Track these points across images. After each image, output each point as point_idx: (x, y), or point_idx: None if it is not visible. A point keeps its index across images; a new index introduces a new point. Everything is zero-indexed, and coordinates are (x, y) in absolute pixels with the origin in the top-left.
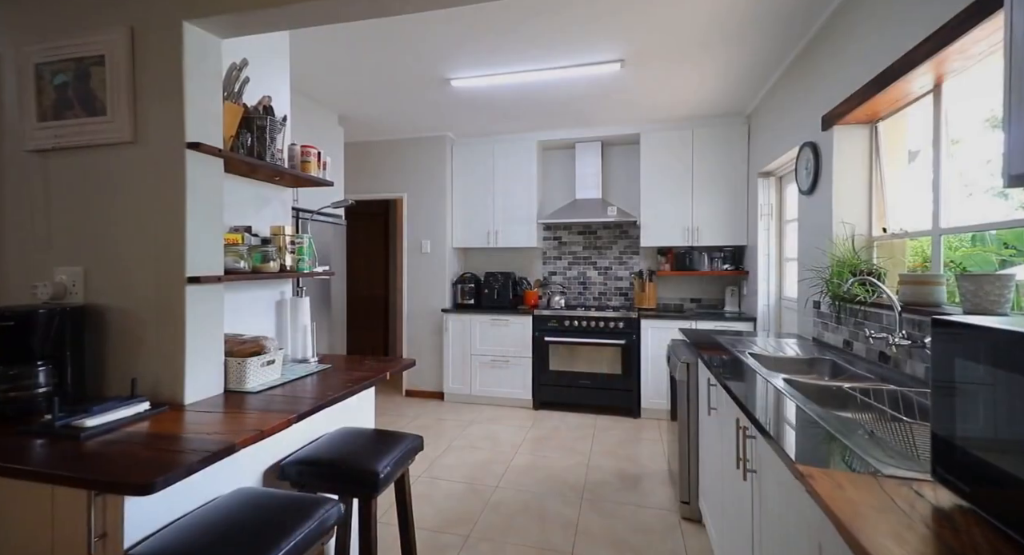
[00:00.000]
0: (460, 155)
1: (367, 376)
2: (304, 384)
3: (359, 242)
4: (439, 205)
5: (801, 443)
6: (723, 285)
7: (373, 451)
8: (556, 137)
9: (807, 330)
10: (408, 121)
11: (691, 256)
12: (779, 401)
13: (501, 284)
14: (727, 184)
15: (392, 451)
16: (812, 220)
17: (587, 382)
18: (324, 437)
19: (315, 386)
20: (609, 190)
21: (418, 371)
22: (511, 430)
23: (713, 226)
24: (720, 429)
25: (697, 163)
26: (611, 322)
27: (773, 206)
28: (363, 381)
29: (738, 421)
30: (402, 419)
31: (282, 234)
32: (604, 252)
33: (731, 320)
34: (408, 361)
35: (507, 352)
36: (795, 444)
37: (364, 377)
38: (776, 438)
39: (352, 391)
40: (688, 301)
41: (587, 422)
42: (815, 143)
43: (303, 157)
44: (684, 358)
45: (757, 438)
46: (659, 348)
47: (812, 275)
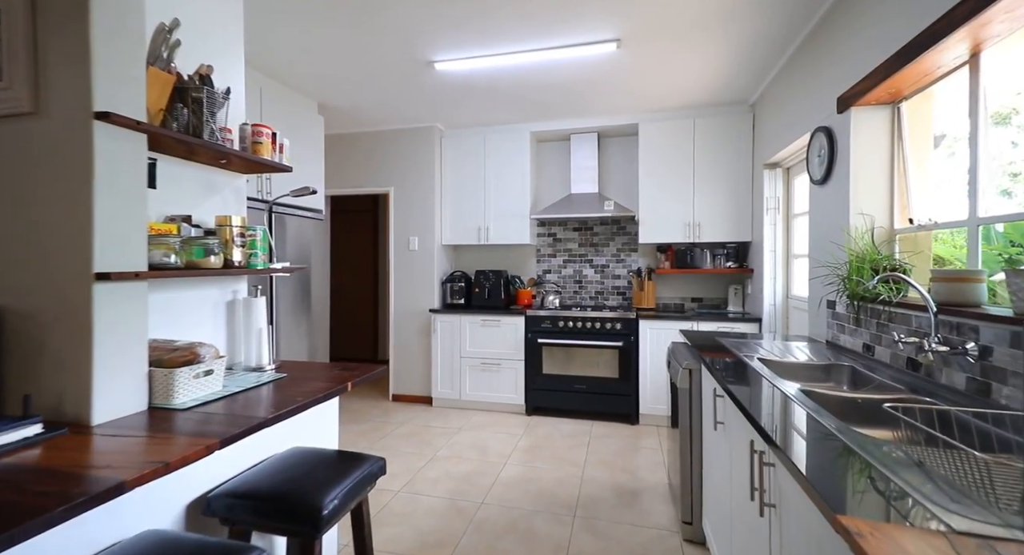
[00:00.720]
0: (449, 147)
1: (326, 387)
2: (248, 399)
3: (346, 239)
4: (427, 200)
5: (836, 480)
6: (726, 284)
7: (322, 479)
8: (550, 128)
9: (820, 332)
10: (393, 110)
11: (692, 253)
12: (798, 418)
13: (492, 283)
14: (730, 177)
15: (345, 479)
16: (825, 212)
17: (582, 386)
18: (269, 461)
19: (260, 401)
20: (606, 184)
21: (405, 374)
22: (501, 438)
23: (715, 221)
24: (729, 448)
25: (699, 155)
26: (608, 323)
27: (780, 199)
28: (320, 393)
29: (752, 444)
30: (387, 425)
31: (228, 225)
32: (601, 249)
33: (735, 321)
34: (379, 370)
35: (498, 354)
36: (829, 482)
37: (323, 388)
38: (807, 476)
39: (300, 407)
40: (689, 301)
41: (582, 429)
42: (829, 128)
43: (254, 138)
44: (686, 363)
45: (777, 466)
46: (659, 350)
47: (826, 272)
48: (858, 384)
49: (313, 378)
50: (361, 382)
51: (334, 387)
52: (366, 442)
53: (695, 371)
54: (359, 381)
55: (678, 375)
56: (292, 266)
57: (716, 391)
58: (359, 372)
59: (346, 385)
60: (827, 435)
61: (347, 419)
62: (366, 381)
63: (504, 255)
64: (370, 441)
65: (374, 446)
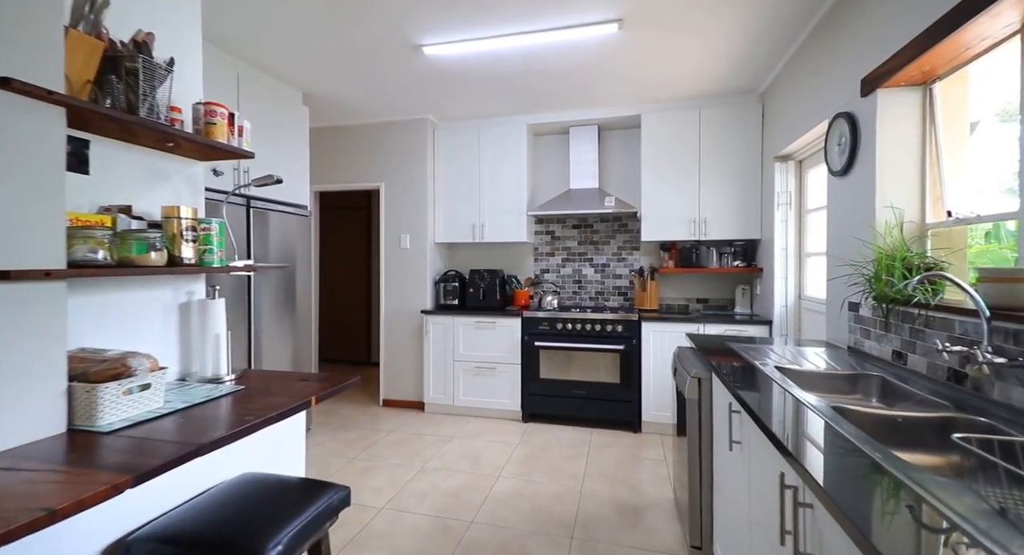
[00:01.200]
0: (443, 141)
1: (284, 403)
2: (190, 418)
3: (339, 238)
4: (419, 196)
5: (900, 538)
6: (733, 284)
7: (269, 517)
8: (548, 120)
9: (839, 337)
10: (383, 101)
11: (697, 251)
12: (834, 444)
13: (487, 283)
14: (738, 171)
15: (298, 516)
16: (847, 206)
17: (582, 392)
18: (213, 491)
19: (205, 421)
20: (607, 179)
21: (397, 379)
22: (496, 447)
23: (722, 218)
24: (748, 473)
25: (705, 148)
26: (609, 325)
27: (792, 194)
28: (276, 412)
29: (782, 478)
30: (376, 433)
31: (176, 217)
32: (601, 247)
33: (743, 323)
34: (349, 382)
35: (493, 358)
36: (893, 542)
37: (281, 405)
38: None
39: (245, 430)
40: (694, 301)
41: (581, 438)
42: (851, 114)
43: (207, 118)
44: (695, 371)
45: (817, 509)
46: (662, 354)
47: (849, 272)
48: (890, 397)
49: (274, 391)
50: (328, 397)
51: (294, 403)
52: (352, 452)
53: (705, 380)
54: (325, 396)
55: (686, 384)
56: (257, 264)
57: (732, 406)
58: (327, 384)
59: (309, 400)
60: (874, 468)
61: (334, 426)
62: (335, 394)
63: (500, 254)
64: (356, 451)
65: (360, 456)
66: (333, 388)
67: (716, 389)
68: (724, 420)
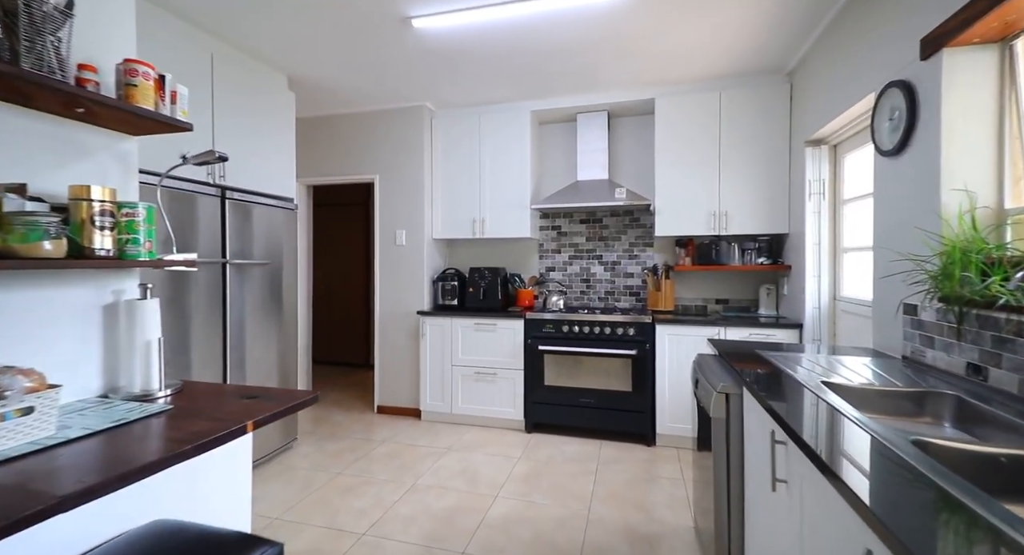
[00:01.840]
0: (441, 130)
1: (210, 430)
2: (84, 452)
3: (338, 235)
4: (416, 189)
5: None
6: (757, 283)
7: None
8: (554, 106)
9: (892, 344)
10: (376, 86)
11: (717, 247)
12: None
13: (488, 282)
14: (764, 158)
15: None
16: (902, 191)
17: (590, 400)
18: (110, 545)
19: (99, 456)
20: (617, 169)
21: (392, 384)
22: (495, 462)
23: (745, 210)
24: (800, 525)
25: (725, 134)
26: (619, 327)
27: (825, 182)
28: (192, 444)
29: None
30: (366, 444)
31: (86, 199)
32: (612, 244)
33: (768, 327)
34: (300, 401)
35: (494, 363)
36: None
37: (209, 431)
38: None
39: (138, 471)
40: (713, 302)
41: (589, 451)
42: (908, 82)
43: (126, 78)
44: (721, 385)
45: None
46: (678, 360)
47: (908, 268)
48: (968, 421)
49: (209, 412)
50: (271, 421)
51: (222, 431)
52: (339, 465)
53: (734, 396)
54: (266, 421)
55: (711, 401)
56: (192, 260)
57: (775, 435)
58: (275, 404)
59: (244, 426)
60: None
61: (323, 435)
62: (281, 417)
63: (503, 251)
64: (343, 464)
65: (346, 471)
66: (277, 410)
67: (748, 406)
68: (762, 449)
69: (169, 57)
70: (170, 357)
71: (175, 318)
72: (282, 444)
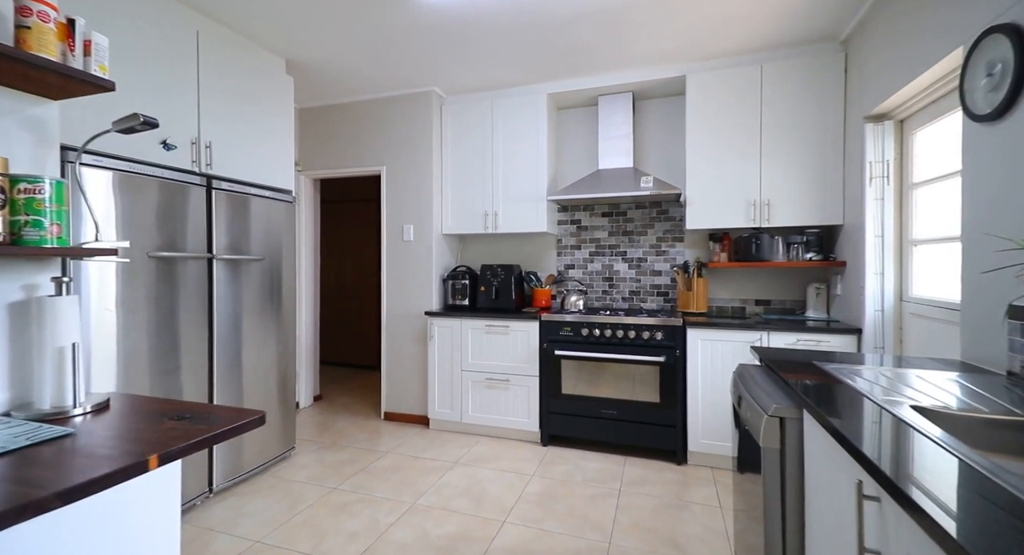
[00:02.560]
0: (451, 117)
1: (100, 467)
2: None
3: (351, 231)
4: (424, 181)
5: None
6: (804, 282)
7: None
8: (573, 88)
9: (991, 356)
10: (379, 70)
11: (758, 242)
12: None
13: (501, 280)
14: (814, 139)
15: None
16: (1003, 164)
17: (612, 412)
18: None
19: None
20: (643, 156)
21: (399, 389)
22: (506, 480)
23: (791, 199)
24: None
25: (768, 112)
26: (645, 331)
27: (890, 164)
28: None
29: None
30: (368, 455)
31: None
32: (637, 239)
33: (818, 332)
34: (242, 420)
35: (507, 368)
36: None
37: (95, 468)
38: None
39: None
40: (752, 303)
41: (611, 469)
42: (1017, 25)
43: (20, 18)
44: (774, 407)
45: None
46: (713, 367)
47: (1018, 260)
48: None
49: (112, 443)
50: (185, 454)
51: (107, 469)
52: (335, 479)
53: (790, 421)
54: (178, 454)
55: (760, 426)
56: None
57: (861, 488)
58: (204, 430)
59: (145, 462)
60: None
61: (324, 444)
62: (200, 449)
63: (518, 247)
64: (340, 478)
65: (342, 486)
66: (198, 439)
67: (811, 433)
68: (841, 504)
69: (148, 33)
70: (147, 361)
71: (154, 318)
72: (279, 453)
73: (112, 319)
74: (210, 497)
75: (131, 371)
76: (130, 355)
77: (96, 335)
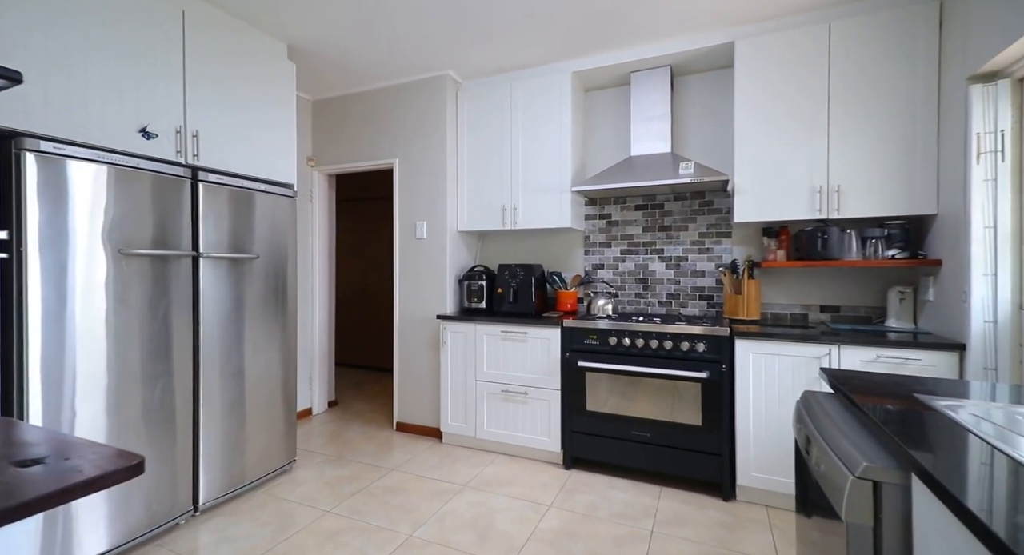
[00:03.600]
0: (467, 103)
1: None
2: None
3: (372, 229)
4: (438, 173)
5: None
6: (883, 284)
7: None
8: (602, 64)
9: None
10: (388, 53)
11: (824, 236)
12: None
13: (520, 281)
14: (897, 109)
15: None
16: None
17: (645, 434)
18: None
19: None
20: (683, 140)
21: (411, 398)
22: (518, 510)
23: (867, 184)
24: None
25: (838, 79)
26: (685, 341)
27: (1006, 134)
28: None
29: None
30: (372, 472)
31: None
32: (676, 235)
33: (905, 347)
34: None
35: (525, 380)
36: None
37: None
38: None
39: None
40: (816, 310)
41: (644, 502)
42: None
43: None
44: (864, 466)
45: None
46: (767, 386)
47: None
48: None
49: None
50: None
51: None
52: (332, 500)
53: (889, 487)
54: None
55: (844, 490)
56: (157, 252)
57: None
58: (50, 483)
59: None
60: None
61: (330, 456)
62: (14, 519)
63: (541, 245)
64: (337, 498)
65: (338, 508)
66: (25, 501)
67: (923, 506)
68: None
69: (122, 15)
70: (118, 369)
71: (127, 321)
72: (277, 467)
73: (80, 323)
74: (196, 516)
75: (93, 380)
76: (99, 362)
77: (60, 341)
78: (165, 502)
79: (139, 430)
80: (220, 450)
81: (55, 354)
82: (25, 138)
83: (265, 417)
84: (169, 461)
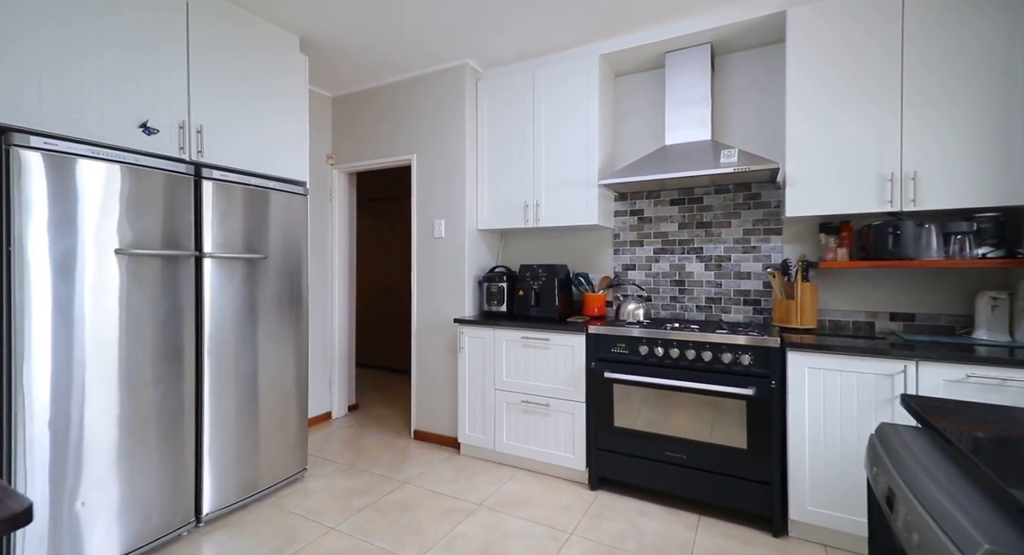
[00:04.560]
0: (487, 94)
1: None
2: None
3: (394, 229)
4: (456, 169)
5: None
6: (970, 288)
7: None
8: (632, 44)
9: None
10: (403, 43)
11: (898, 231)
12: None
13: (543, 283)
14: (989, 83)
15: None
16: None
17: (681, 455)
18: None
19: None
20: (725, 127)
21: (429, 406)
22: (536, 537)
23: (951, 170)
24: None
25: (912, 50)
26: (727, 352)
27: None
28: None
29: None
30: (384, 485)
31: None
32: (717, 231)
33: (1002, 365)
34: None
35: (547, 390)
36: None
37: None
38: None
39: None
40: (885, 318)
41: (679, 533)
42: None
43: None
44: (985, 548)
45: None
46: (826, 406)
47: None
48: None
49: None
50: None
51: None
52: (338, 515)
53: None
54: None
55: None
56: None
57: None
58: None
59: None
60: None
61: (343, 465)
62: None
63: (568, 244)
64: (344, 513)
65: (342, 524)
66: None
67: None
68: None
69: (124, 7)
70: (119, 372)
71: (127, 324)
72: (287, 476)
73: (79, 326)
74: (199, 527)
75: (95, 381)
76: (99, 365)
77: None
78: (166, 512)
79: (139, 436)
80: (226, 458)
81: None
82: (15, 134)
83: (275, 424)
84: (170, 469)
